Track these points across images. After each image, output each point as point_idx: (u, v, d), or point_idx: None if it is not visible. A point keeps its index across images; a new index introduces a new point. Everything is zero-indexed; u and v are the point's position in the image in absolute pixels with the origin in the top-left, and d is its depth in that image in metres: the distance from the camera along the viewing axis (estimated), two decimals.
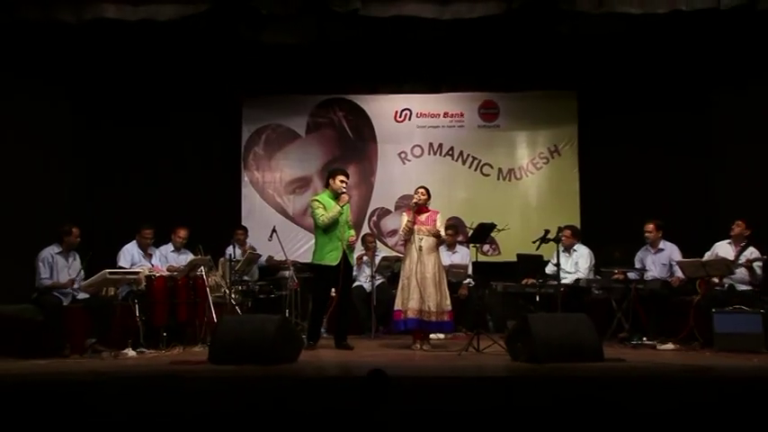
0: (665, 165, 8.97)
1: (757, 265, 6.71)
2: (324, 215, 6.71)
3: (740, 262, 6.72)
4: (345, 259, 6.75)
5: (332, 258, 6.71)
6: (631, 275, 7.21)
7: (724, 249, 6.95)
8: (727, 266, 6.68)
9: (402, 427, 3.59)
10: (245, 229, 8.60)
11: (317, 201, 6.85)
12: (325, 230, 6.74)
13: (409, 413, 3.78)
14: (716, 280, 6.76)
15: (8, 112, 7.65)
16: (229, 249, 7.56)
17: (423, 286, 6.56)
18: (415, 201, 6.77)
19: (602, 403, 4.16)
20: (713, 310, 6.43)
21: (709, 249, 7.09)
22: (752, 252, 6.75)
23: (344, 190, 6.85)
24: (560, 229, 7.32)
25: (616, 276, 7.21)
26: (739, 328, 6.29)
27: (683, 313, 6.79)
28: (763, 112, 8.10)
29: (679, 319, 6.83)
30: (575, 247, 7.71)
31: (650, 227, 7.32)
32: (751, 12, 6.33)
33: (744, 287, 6.75)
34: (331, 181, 6.89)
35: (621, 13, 6.56)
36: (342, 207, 6.73)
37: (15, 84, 7.74)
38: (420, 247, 6.63)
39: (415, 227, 6.68)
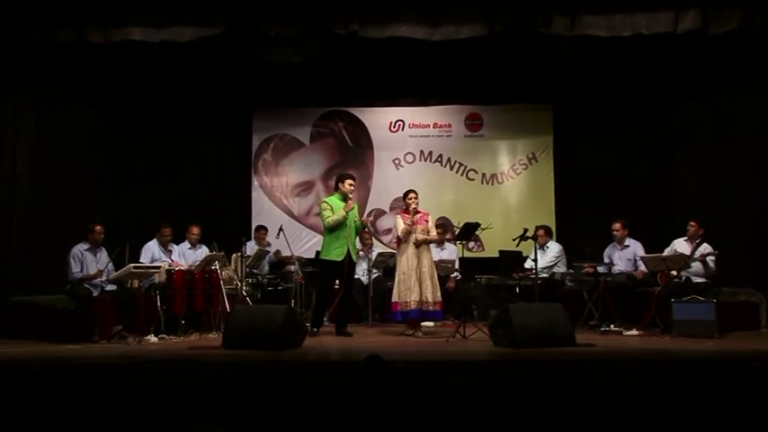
0: (630, 170, 9.02)
1: (710, 260, 6.73)
2: (330, 217, 6.70)
3: (695, 257, 6.76)
4: (349, 256, 6.75)
5: (337, 254, 6.71)
6: (600, 269, 7.25)
7: (681, 246, 6.98)
8: (684, 261, 6.72)
9: (393, 411, 3.59)
10: (266, 230, 8.56)
11: (326, 203, 6.85)
12: (332, 230, 6.74)
13: (403, 393, 3.80)
14: (674, 273, 6.79)
15: (46, 122, 7.70)
16: (250, 244, 7.74)
17: (421, 280, 6.58)
18: (413, 207, 6.75)
19: (574, 383, 4.19)
20: (672, 299, 6.45)
21: (668, 246, 7.12)
22: (705, 248, 6.78)
23: (352, 193, 6.85)
24: (536, 229, 7.38)
25: (586, 270, 7.25)
26: (695, 315, 6.32)
27: (646, 303, 6.83)
28: (716, 124, 8.17)
29: (642, 308, 6.87)
30: (548, 244, 7.74)
31: (617, 225, 7.34)
32: (704, 35, 6.37)
33: (699, 279, 6.77)
34: (340, 185, 6.86)
35: (591, 36, 6.59)
36: (347, 213, 6.73)
37: (53, 97, 7.81)
38: (417, 245, 6.65)
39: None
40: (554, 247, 7.73)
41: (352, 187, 6.86)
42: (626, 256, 7.29)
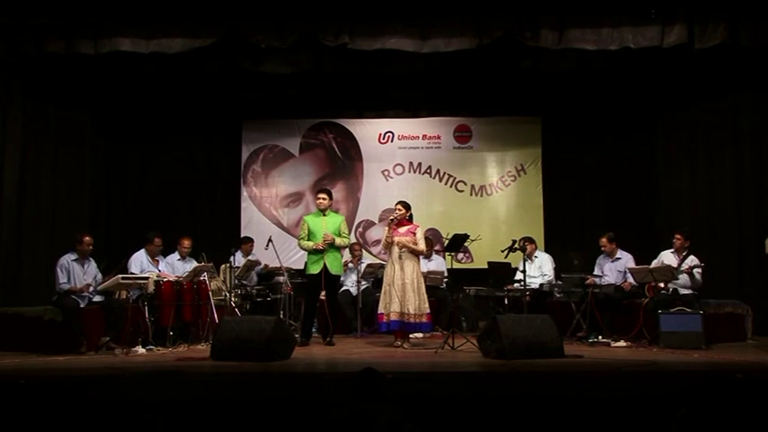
0: (618, 182, 9.11)
1: (697, 272, 6.76)
2: (302, 241, 7.02)
3: (682, 269, 6.78)
4: (326, 269, 6.84)
5: (314, 268, 6.87)
6: (597, 281, 7.21)
7: (668, 258, 7.01)
8: (671, 273, 6.74)
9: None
10: (253, 241, 8.55)
11: (305, 220, 7.10)
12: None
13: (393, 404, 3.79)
14: (662, 285, 6.82)
15: (35, 132, 7.69)
16: (238, 257, 7.69)
17: (402, 292, 6.55)
18: (392, 217, 6.76)
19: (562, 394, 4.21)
20: (659, 311, 6.47)
21: (655, 257, 7.16)
22: (692, 260, 6.80)
23: (324, 207, 7.00)
24: (523, 241, 7.38)
25: (589, 282, 7.13)
26: (682, 327, 6.35)
27: (634, 314, 6.85)
28: (703, 136, 8.27)
29: (630, 320, 6.88)
30: (536, 254, 7.76)
31: (603, 240, 7.33)
32: (689, 49, 6.47)
33: (686, 291, 6.79)
34: (316, 199, 7.19)
35: (579, 49, 6.67)
36: (321, 245, 6.83)
37: (43, 107, 7.80)
38: (400, 256, 6.63)
39: (395, 239, 6.68)
40: (543, 257, 7.74)
41: (320, 200, 7.03)
42: (617, 267, 7.30)
